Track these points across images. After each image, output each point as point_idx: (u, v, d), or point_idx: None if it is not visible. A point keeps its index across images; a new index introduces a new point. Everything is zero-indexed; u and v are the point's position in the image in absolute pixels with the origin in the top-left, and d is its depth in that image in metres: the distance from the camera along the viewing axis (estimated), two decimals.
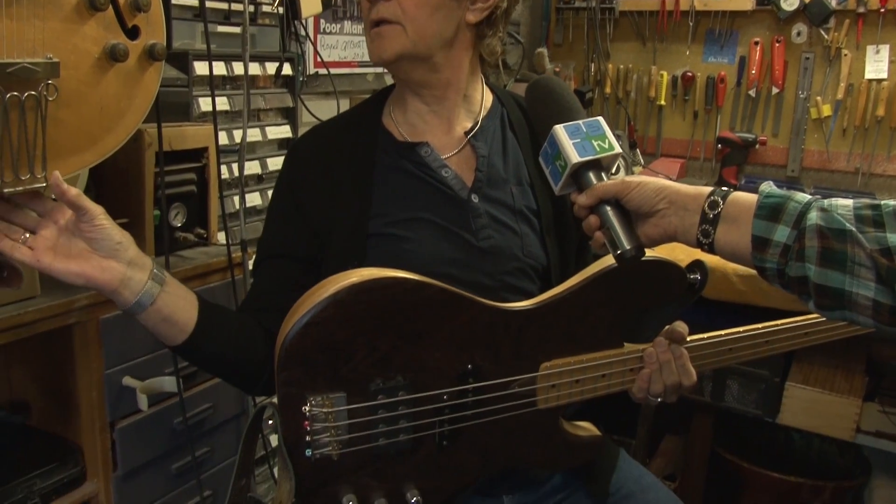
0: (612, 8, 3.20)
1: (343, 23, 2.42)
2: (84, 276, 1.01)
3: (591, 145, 1.03)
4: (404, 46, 1.17)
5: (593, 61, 3.29)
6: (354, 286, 1.06)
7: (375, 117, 1.32)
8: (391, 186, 1.25)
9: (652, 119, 3.27)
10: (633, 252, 1.01)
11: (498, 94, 1.36)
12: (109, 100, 1.08)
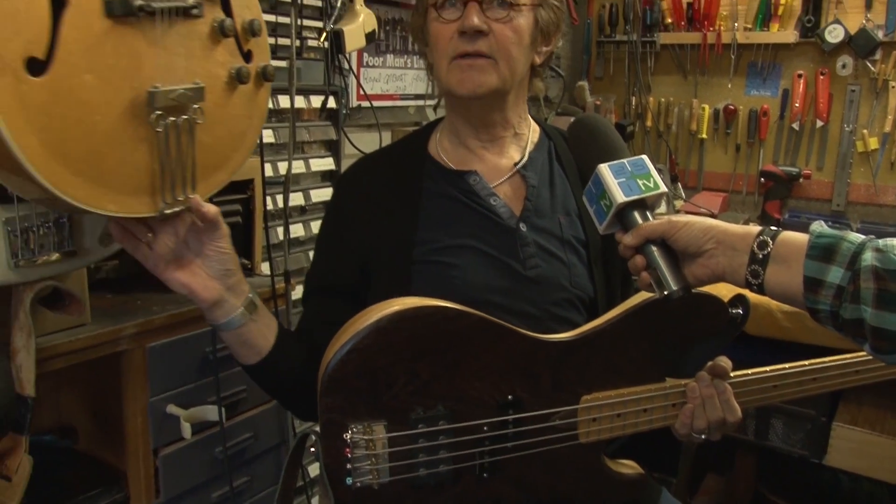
0: (653, 41, 3.21)
1: (385, 56, 2.46)
2: (188, 288, 1.10)
3: (637, 184, 1.03)
4: (496, 81, 1.21)
5: (634, 94, 3.29)
6: (396, 314, 1.07)
7: (422, 147, 1.34)
8: (438, 213, 1.26)
9: (693, 152, 3.25)
10: (680, 293, 1.00)
11: (545, 129, 1.38)
12: (235, 120, 1.14)
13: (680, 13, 3.16)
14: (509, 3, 1.20)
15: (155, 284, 1.69)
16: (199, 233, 1.10)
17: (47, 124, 0.90)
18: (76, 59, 0.92)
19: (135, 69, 0.98)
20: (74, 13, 0.91)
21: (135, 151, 1.00)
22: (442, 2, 1.21)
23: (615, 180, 1.03)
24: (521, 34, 1.22)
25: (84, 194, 0.95)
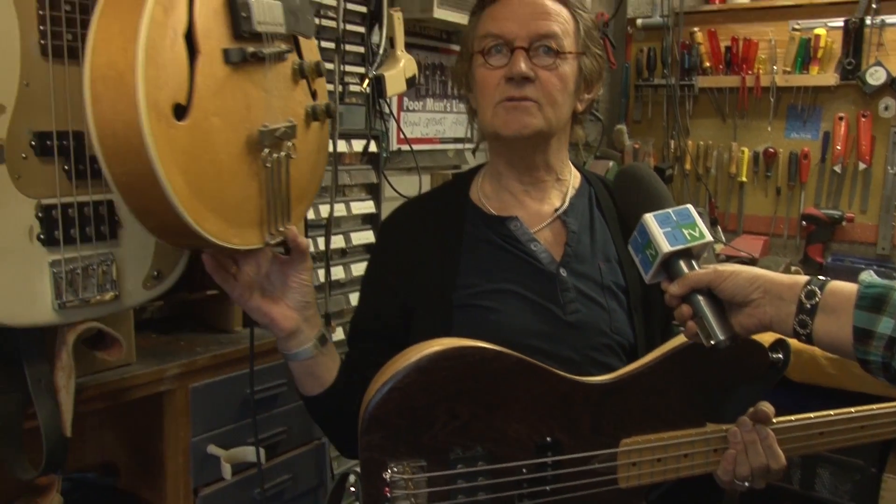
0: (691, 85, 3.22)
1: (425, 100, 2.50)
2: (268, 317, 1.14)
3: (682, 234, 1.03)
4: (540, 123, 1.23)
5: (673, 138, 3.30)
6: (436, 354, 1.08)
7: (464, 192, 1.36)
8: (479, 258, 1.28)
9: (733, 195, 3.23)
10: (727, 343, 0.99)
11: (585, 175, 1.40)
12: (311, 154, 1.22)
13: (718, 57, 3.17)
14: (555, 51, 1.22)
15: (198, 325, 1.73)
16: (281, 265, 1.16)
17: (189, 165, 0.97)
18: (206, 104, 1.00)
19: (246, 110, 1.07)
20: (204, 62, 0.99)
21: (248, 187, 1.08)
22: (489, 48, 1.24)
23: (660, 230, 1.03)
24: (566, 81, 1.24)
25: (217, 229, 1.02)
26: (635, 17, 3.35)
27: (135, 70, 0.90)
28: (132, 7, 0.92)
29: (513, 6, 1.24)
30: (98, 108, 0.93)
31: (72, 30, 1.09)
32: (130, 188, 0.96)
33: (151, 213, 0.99)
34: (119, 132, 0.92)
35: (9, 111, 1.05)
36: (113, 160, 0.94)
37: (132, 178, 0.95)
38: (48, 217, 1.09)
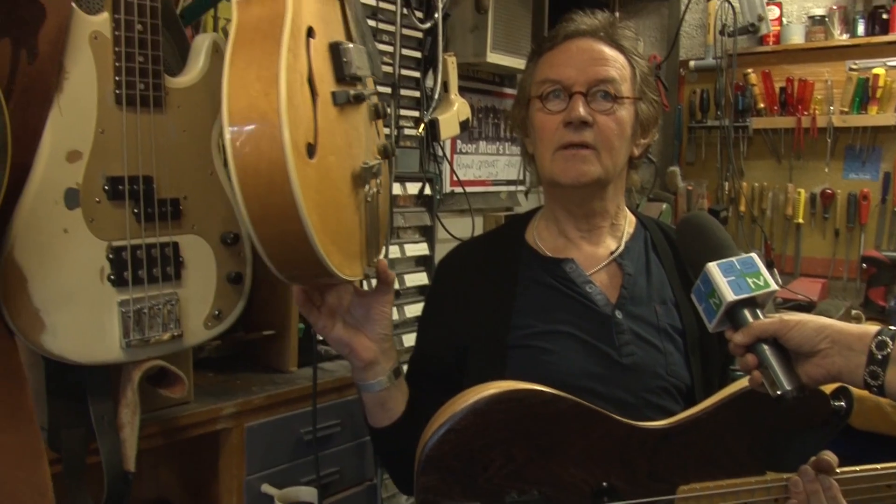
0: (745, 126, 3.20)
1: (478, 143, 2.53)
2: (349, 347, 1.16)
3: (746, 283, 1.02)
4: (599, 171, 1.24)
5: (727, 179, 3.27)
6: (493, 396, 1.08)
7: (520, 235, 1.37)
8: (533, 299, 1.28)
9: (789, 237, 3.19)
10: (794, 393, 0.97)
11: (641, 219, 1.40)
12: (385, 190, 1.25)
13: (773, 98, 3.15)
14: (613, 96, 1.24)
15: (254, 365, 1.76)
16: (362, 297, 1.18)
17: (318, 200, 1.00)
18: (325, 142, 1.04)
19: (348, 148, 1.11)
20: (322, 103, 1.04)
21: (355, 221, 1.12)
22: (547, 94, 1.26)
23: (724, 279, 1.02)
24: (623, 126, 1.25)
25: (338, 262, 1.05)
26: (688, 59, 3.35)
27: (279, 112, 0.94)
28: (265, 55, 0.97)
29: (571, 52, 1.26)
30: (240, 148, 0.95)
31: (144, 80, 1.14)
32: (267, 224, 0.98)
33: (284, 248, 1.00)
34: (263, 171, 0.95)
35: (85, 157, 1.10)
36: (253, 198, 0.96)
37: (271, 215, 0.97)
38: (118, 258, 1.14)
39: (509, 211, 2.74)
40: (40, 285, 1.08)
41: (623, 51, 1.28)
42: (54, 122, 1.08)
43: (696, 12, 3.34)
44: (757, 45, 3.22)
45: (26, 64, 1.04)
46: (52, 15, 1.05)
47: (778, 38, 3.18)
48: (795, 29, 3.13)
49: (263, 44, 0.98)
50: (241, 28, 1.01)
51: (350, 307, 1.18)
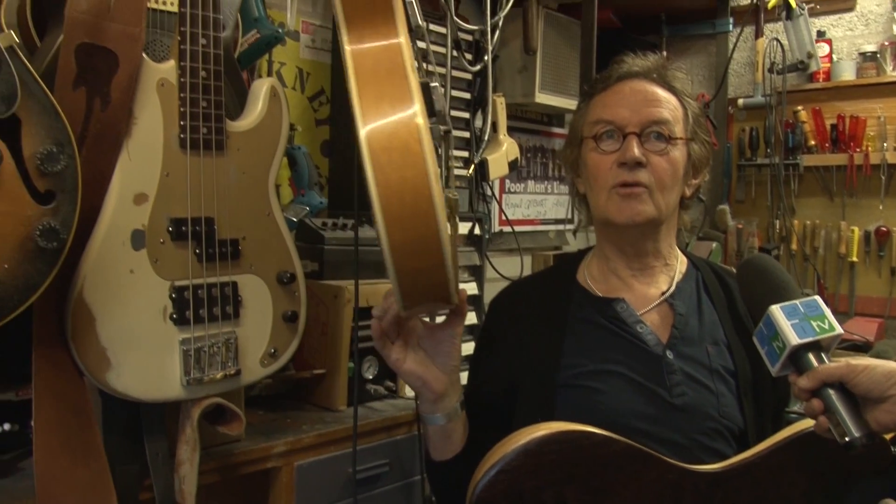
0: (796, 164, 3.17)
1: (527, 182, 2.54)
2: (422, 380, 1.16)
3: (811, 326, 1.01)
4: (652, 211, 1.25)
5: (778, 217, 3.23)
6: (544, 437, 1.08)
7: (571, 274, 1.38)
8: (584, 339, 1.28)
9: (843, 276, 3.13)
10: (864, 440, 0.95)
11: (692, 260, 1.40)
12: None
13: (823, 135, 3.12)
14: (666, 137, 1.25)
15: (304, 403, 1.78)
16: (431, 329, 1.19)
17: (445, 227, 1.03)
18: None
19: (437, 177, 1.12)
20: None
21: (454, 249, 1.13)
22: (601, 134, 1.27)
23: (788, 322, 1.01)
24: (676, 166, 1.26)
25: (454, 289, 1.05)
26: (736, 97, 3.33)
27: (420, 141, 0.97)
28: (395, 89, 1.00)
29: (624, 93, 1.28)
30: (383, 177, 0.97)
31: (207, 124, 1.18)
32: (406, 251, 0.99)
33: (418, 275, 1.02)
34: (407, 198, 0.97)
35: (151, 199, 1.14)
36: (395, 225, 0.98)
37: (412, 241, 0.99)
38: (180, 298, 1.17)
39: (558, 250, 2.74)
40: (107, 324, 1.12)
41: (675, 92, 1.29)
42: (123, 166, 1.13)
43: (744, 50, 3.33)
44: (807, 82, 3.20)
45: (99, 111, 1.09)
46: (125, 64, 1.10)
47: (828, 74, 3.15)
48: (846, 65, 3.10)
49: (390, 79, 1.01)
50: (359, 65, 1.03)
51: (419, 340, 1.19)
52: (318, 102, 2.25)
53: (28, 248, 1.02)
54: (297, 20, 2.17)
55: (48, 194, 1.04)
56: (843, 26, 3.17)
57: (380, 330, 1.14)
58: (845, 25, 3.16)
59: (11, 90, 0.99)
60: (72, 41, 1.08)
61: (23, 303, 1.02)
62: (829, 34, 3.16)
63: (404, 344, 1.16)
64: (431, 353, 1.18)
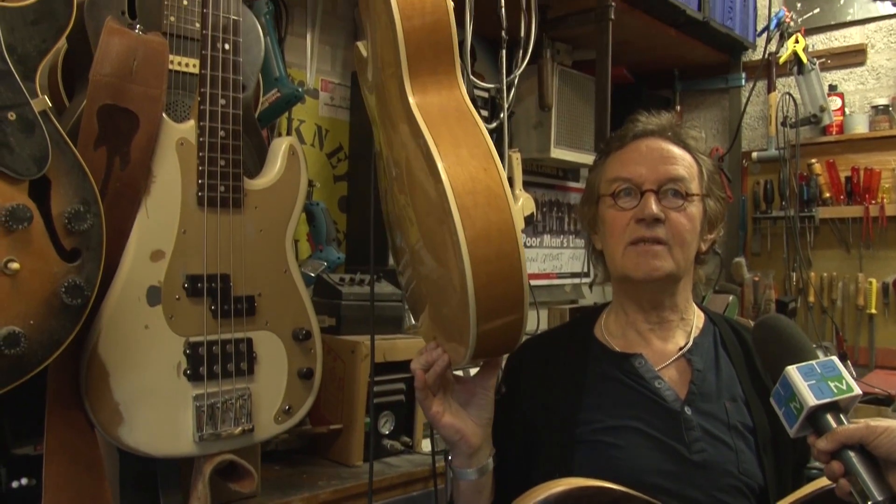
0: (811, 216, 3.16)
1: (543, 236, 2.55)
2: (460, 433, 1.16)
3: (828, 387, 1.00)
4: (671, 266, 1.25)
5: (794, 270, 3.22)
6: (562, 493, 1.07)
7: (588, 330, 1.38)
8: (602, 394, 1.28)
9: (862, 328, 3.10)
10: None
11: (709, 315, 1.39)
12: None
13: (838, 187, 3.12)
14: (683, 194, 1.26)
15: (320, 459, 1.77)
16: (464, 383, 1.20)
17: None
18: None
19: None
20: None
21: None
22: (619, 191, 1.29)
23: (804, 382, 1.00)
24: (694, 222, 1.27)
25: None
26: (750, 151, 3.35)
27: (502, 185, 1.00)
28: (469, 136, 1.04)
29: (640, 151, 1.30)
30: (469, 220, 0.99)
31: (225, 182, 1.20)
32: (490, 290, 1.00)
33: (500, 315, 1.03)
34: (493, 238, 0.99)
35: (168, 256, 1.16)
36: (481, 265, 0.99)
37: (496, 281, 1.00)
38: (195, 354, 1.18)
39: (574, 304, 2.74)
40: (121, 380, 1.13)
41: (689, 149, 1.31)
42: (141, 223, 1.15)
43: (756, 104, 3.36)
44: (820, 135, 3.22)
45: (119, 170, 1.12)
46: (145, 124, 1.13)
47: (841, 127, 3.17)
48: (859, 118, 3.12)
49: (463, 126, 1.05)
50: (427, 115, 1.07)
51: (453, 394, 1.19)
52: (336, 159, 2.28)
53: (53, 304, 1.04)
54: (316, 79, 2.21)
55: (74, 252, 1.06)
56: (854, 80, 3.19)
57: (424, 382, 1.14)
58: (856, 79, 3.19)
59: (43, 152, 1.03)
60: (95, 102, 1.11)
61: (47, 358, 1.04)
62: (841, 88, 3.19)
63: (443, 396, 1.16)
64: (465, 405, 1.19)
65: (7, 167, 0.99)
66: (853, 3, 3.14)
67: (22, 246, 1.01)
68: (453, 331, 1.08)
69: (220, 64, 1.20)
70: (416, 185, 1.09)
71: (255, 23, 1.50)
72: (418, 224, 1.14)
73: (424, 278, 1.18)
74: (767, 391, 1.09)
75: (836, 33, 3.22)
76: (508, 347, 1.08)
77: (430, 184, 1.02)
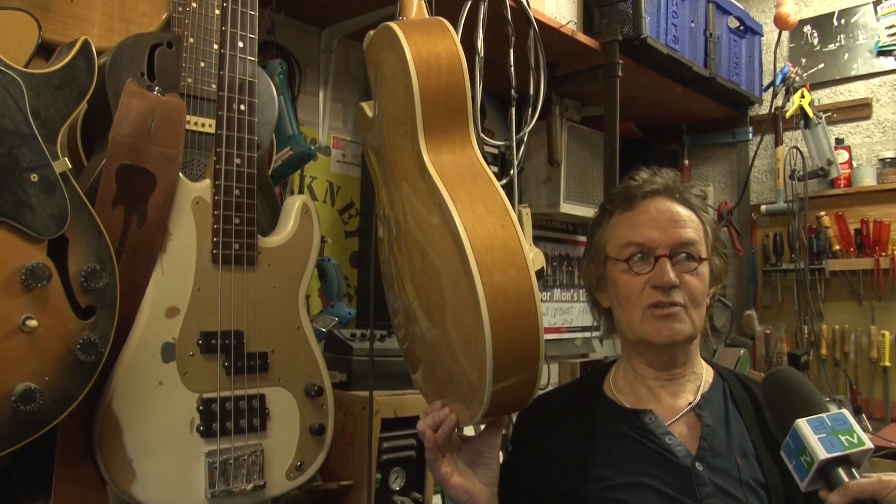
0: (821, 268, 3.16)
1: (553, 291, 2.56)
2: (469, 493, 1.16)
3: (839, 440, 1.00)
4: (689, 328, 1.26)
5: (806, 322, 3.20)
6: None
7: (597, 388, 1.38)
8: (612, 451, 1.27)
9: (876, 381, 3.07)
10: None
11: (718, 370, 1.39)
12: None
13: (848, 240, 3.12)
14: (696, 258, 1.28)
15: None
16: (470, 442, 1.19)
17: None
18: None
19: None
20: None
21: None
22: (632, 256, 1.29)
23: (815, 436, 1.00)
24: (705, 283, 1.29)
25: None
26: (759, 204, 3.36)
27: (519, 241, 1.02)
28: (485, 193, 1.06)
29: (650, 213, 1.30)
30: (488, 276, 0.99)
31: (239, 240, 1.22)
32: (507, 348, 1.01)
33: (516, 372, 1.04)
34: (511, 295, 1.00)
35: (182, 313, 1.17)
36: (500, 322, 1.00)
37: (514, 338, 1.01)
38: (208, 410, 1.18)
39: (584, 357, 2.73)
40: (134, 436, 1.13)
41: (694, 209, 1.32)
42: (156, 280, 1.16)
43: (764, 158, 3.38)
44: (828, 188, 3.23)
45: (136, 228, 1.14)
46: (162, 184, 1.15)
47: (849, 180, 3.18)
48: (866, 171, 3.13)
49: (478, 183, 1.07)
50: (443, 172, 1.09)
51: (459, 454, 1.19)
52: (347, 215, 2.31)
53: (68, 360, 1.05)
54: (328, 136, 2.25)
55: (89, 309, 1.08)
56: (860, 133, 3.21)
57: (434, 442, 1.14)
58: (863, 133, 3.21)
59: (63, 212, 1.05)
60: (114, 162, 1.14)
61: (60, 414, 1.05)
62: (848, 141, 3.21)
63: (451, 457, 1.16)
64: (472, 465, 1.18)
65: (28, 227, 1.02)
66: (857, 59, 3.18)
67: (40, 304, 1.03)
68: (461, 389, 1.08)
69: (235, 124, 1.23)
70: (427, 244, 1.10)
71: (269, 83, 1.53)
72: (414, 282, 1.15)
73: (422, 337, 1.19)
74: (778, 446, 1.09)
75: (841, 87, 3.26)
76: (521, 405, 1.08)
77: (447, 241, 1.03)
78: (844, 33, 3.20)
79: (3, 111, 1.02)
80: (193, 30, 1.30)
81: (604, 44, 2.38)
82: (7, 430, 1.01)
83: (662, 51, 2.49)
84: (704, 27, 2.77)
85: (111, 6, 1.42)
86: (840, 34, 3.22)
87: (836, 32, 3.23)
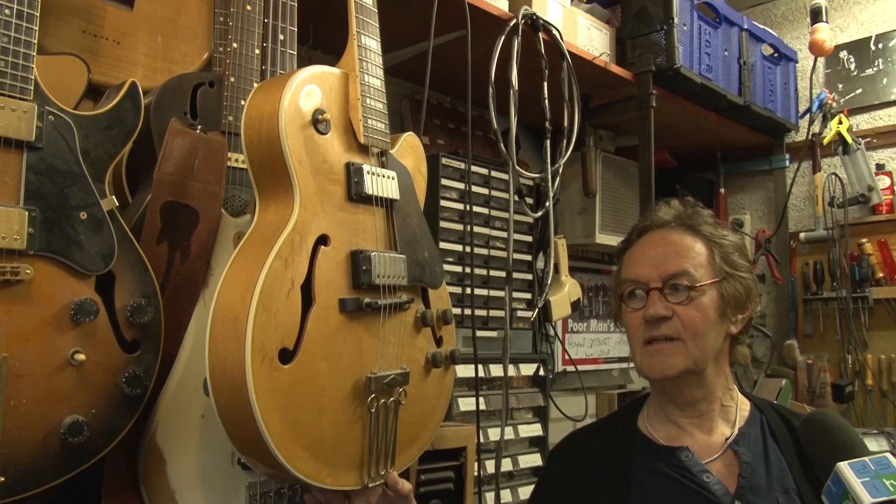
0: (864, 297, 3.10)
1: (589, 321, 2.55)
2: None
3: (883, 485, 0.98)
4: (684, 362, 1.24)
5: (849, 352, 3.14)
6: None
7: (632, 423, 1.36)
8: (650, 491, 1.25)
9: None
10: None
11: (755, 402, 1.36)
12: (428, 399, 1.30)
13: (891, 267, 3.07)
14: (686, 287, 1.25)
15: None
16: (390, 501, 1.21)
17: (288, 405, 1.05)
18: (315, 349, 1.09)
19: (358, 356, 1.16)
20: (318, 310, 1.11)
21: (350, 430, 1.14)
22: (628, 293, 1.30)
23: (858, 480, 0.98)
24: (706, 311, 1.25)
25: (308, 468, 1.08)
26: (798, 231, 3.33)
27: (248, 315, 1.02)
28: (254, 261, 1.06)
29: (644, 248, 1.31)
30: (213, 345, 1.05)
31: None
32: (231, 421, 1.05)
33: (248, 445, 1.06)
34: (227, 369, 1.03)
35: None
36: (219, 394, 1.04)
37: (233, 413, 1.03)
38: None
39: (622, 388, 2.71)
40: (177, 467, 1.15)
41: (699, 235, 1.30)
42: (199, 315, 1.19)
43: (802, 185, 3.35)
44: (869, 214, 3.18)
45: (179, 264, 1.16)
46: (204, 220, 1.18)
47: (891, 206, 3.13)
48: None
49: (260, 249, 1.07)
50: (254, 231, 1.12)
51: None
52: None
53: (114, 394, 1.08)
54: None
55: (134, 343, 1.11)
56: None
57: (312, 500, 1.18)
58: None
59: (110, 249, 1.09)
60: (158, 199, 1.17)
61: (106, 447, 1.07)
62: (889, 167, 3.16)
63: None
64: None
65: (77, 263, 1.05)
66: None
67: (87, 338, 1.06)
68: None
69: None
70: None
71: None
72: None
73: None
74: (820, 483, 1.07)
75: (880, 112, 3.22)
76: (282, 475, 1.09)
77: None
78: (882, 58, 3.18)
79: (56, 152, 1.05)
80: (234, 69, 1.33)
81: (637, 74, 2.39)
82: (55, 462, 1.03)
83: (696, 80, 2.49)
84: (738, 55, 2.76)
85: (155, 47, 1.46)
86: (878, 59, 3.19)
87: (873, 57, 3.20)
